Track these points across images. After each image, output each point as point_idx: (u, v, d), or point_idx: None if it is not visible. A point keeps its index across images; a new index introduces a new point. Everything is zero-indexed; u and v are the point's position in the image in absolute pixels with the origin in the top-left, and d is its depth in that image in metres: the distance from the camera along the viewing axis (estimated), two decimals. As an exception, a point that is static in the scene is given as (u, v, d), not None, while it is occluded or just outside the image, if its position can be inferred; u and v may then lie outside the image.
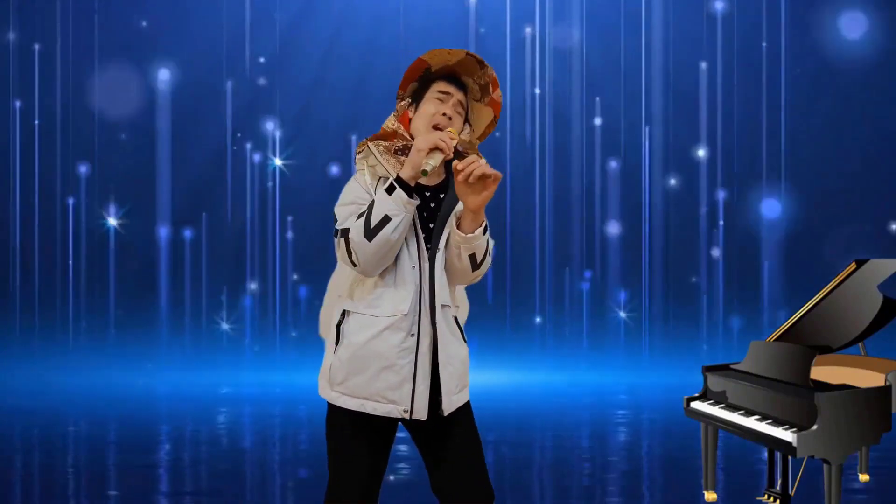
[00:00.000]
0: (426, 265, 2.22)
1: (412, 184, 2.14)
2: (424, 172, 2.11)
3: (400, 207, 2.11)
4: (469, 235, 2.18)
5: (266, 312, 8.60)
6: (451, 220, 2.24)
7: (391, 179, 2.15)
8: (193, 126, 8.47)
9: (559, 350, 8.58)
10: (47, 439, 5.55)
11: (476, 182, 2.11)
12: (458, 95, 2.28)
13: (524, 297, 8.71)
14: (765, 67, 8.61)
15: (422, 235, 2.23)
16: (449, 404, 2.23)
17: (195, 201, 8.51)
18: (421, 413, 2.20)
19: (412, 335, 2.19)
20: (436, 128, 2.24)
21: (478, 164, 2.10)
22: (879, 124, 8.51)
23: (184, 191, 8.50)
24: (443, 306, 2.24)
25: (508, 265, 8.60)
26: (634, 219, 8.70)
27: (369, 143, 2.27)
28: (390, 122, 2.29)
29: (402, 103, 2.31)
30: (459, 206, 2.26)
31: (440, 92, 2.27)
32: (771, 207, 8.69)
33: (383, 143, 2.27)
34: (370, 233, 2.10)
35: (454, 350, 2.27)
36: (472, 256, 2.22)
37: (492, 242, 2.32)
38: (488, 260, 2.28)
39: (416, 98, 2.31)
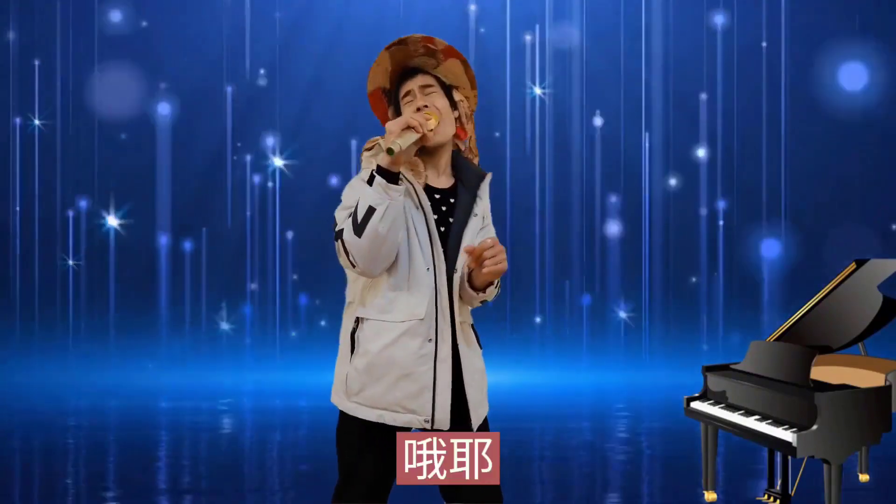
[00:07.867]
0: (442, 266, 2.16)
1: (394, 170, 2.06)
2: (391, 151, 2.02)
3: (382, 195, 2.03)
4: (482, 294, 2.21)
5: (266, 314, 8.59)
6: (463, 269, 2.21)
7: (370, 170, 2.08)
8: (194, 128, 8.47)
9: (559, 350, 8.58)
10: (47, 439, 5.55)
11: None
12: (417, 82, 2.24)
13: (524, 297, 8.71)
14: (764, 71, 8.61)
15: (437, 237, 2.16)
16: (476, 418, 2.21)
17: (195, 203, 8.51)
18: (443, 423, 2.12)
19: (430, 340, 2.12)
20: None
21: (503, 265, 2.13)
22: (880, 124, 8.51)
23: (183, 194, 8.50)
24: (461, 322, 2.21)
25: (508, 264, 8.58)
26: (634, 219, 8.70)
27: (380, 140, 2.20)
28: None
29: None
30: (470, 231, 2.23)
31: (404, 96, 2.25)
32: (772, 206, 8.68)
33: None
34: (359, 228, 2.03)
35: (476, 364, 2.25)
36: (484, 300, 2.26)
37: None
38: (497, 291, 2.29)
39: (397, 115, 2.29)
